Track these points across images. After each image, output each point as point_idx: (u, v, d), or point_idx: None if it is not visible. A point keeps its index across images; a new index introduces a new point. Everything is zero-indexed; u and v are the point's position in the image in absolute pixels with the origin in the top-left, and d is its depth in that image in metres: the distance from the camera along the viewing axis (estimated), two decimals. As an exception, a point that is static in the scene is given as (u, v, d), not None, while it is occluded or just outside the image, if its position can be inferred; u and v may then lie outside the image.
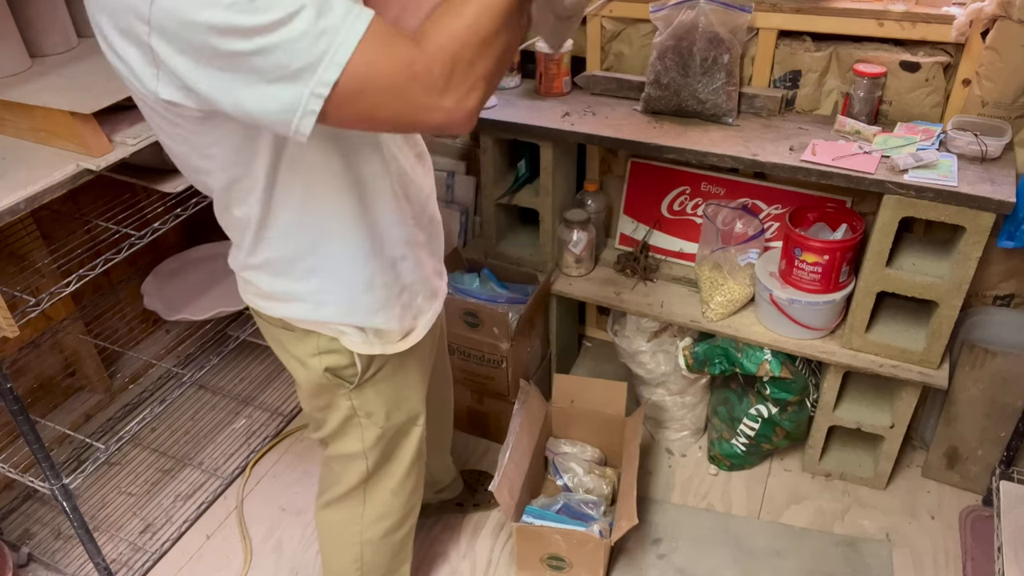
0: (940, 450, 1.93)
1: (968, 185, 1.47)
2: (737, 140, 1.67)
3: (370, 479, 1.32)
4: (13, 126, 1.47)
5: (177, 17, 0.73)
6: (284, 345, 1.18)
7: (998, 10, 1.47)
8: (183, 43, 0.75)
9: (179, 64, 0.77)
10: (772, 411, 1.86)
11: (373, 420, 1.24)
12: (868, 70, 1.62)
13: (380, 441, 1.27)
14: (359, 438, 1.26)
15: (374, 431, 1.25)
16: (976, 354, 1.75)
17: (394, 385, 1.23)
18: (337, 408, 1.22)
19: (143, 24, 0.75)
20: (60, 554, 1.86)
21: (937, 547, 1.82)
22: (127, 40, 0.79)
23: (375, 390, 1.21)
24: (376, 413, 1.23)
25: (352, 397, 1.20)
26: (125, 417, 2.23)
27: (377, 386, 1.21)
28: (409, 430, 1.31)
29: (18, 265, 1.95)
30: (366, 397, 1.21)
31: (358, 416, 1.23)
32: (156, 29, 0.75)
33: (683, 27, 1.68)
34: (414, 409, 1.29)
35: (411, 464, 1.35)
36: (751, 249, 1.84)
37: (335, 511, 1.39)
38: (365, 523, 1.38)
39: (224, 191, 0.98)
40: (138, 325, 2.34)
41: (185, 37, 0.74)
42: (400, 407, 1.26)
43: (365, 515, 1.38)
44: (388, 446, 1.29)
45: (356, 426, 1.24)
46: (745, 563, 1.79)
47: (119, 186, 1.67)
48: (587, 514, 1.73)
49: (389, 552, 1.45)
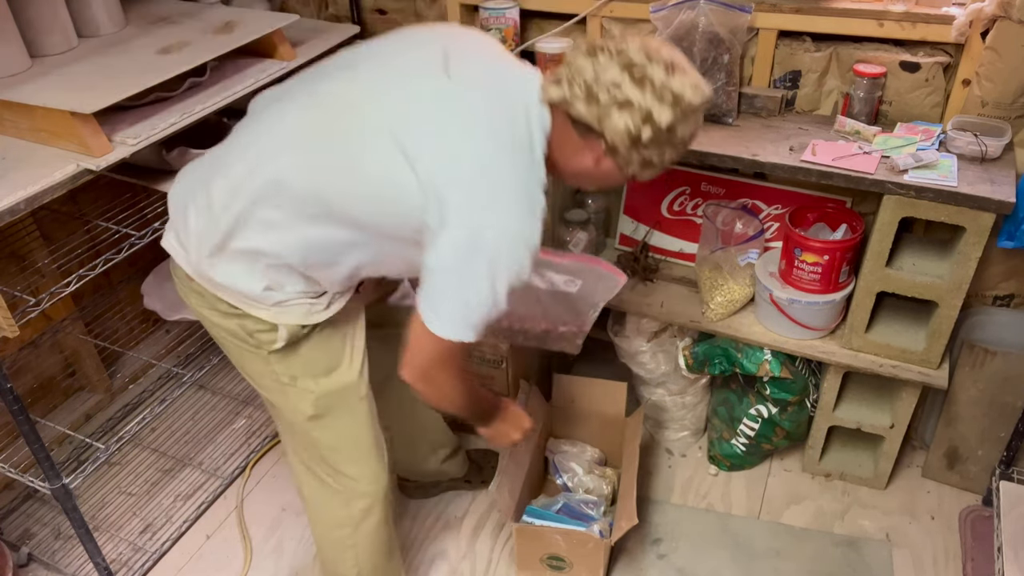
0: (940, 450, 1.93)
1: (968, 185, 1.47)
2: (737, 140, 1.67)
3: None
4: (13, 126, 1.47)
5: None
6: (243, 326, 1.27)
7: (998, 10, 1.47)
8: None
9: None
10: (772, 411, 1.86)
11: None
12: (868, 70, 1.62)
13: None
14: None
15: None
16: (976, 354, 1.75)
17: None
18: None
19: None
20: (60, 554, 1.86)
21: (937, 547, 1.82)
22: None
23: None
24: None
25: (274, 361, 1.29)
26: (125, 417, 2.23)
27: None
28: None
29: (18, 265, 1.95)
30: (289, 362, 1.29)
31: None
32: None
33: (683, 27, 1.68)
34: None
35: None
36: (751, 249, 1.84)
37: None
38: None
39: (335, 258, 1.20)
40: (138, 325, 2.34)
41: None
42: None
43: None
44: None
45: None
46: (745, 563, 1.79)
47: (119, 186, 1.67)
48: (587, 514, 1.73)
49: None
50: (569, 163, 1.16)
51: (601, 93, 1.05)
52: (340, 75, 1.18)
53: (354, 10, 2.07)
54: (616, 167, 1.13)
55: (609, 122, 1.06)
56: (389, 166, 1.07)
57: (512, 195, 1.08)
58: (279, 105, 1.20)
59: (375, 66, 1.16)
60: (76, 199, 2.05)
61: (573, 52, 1.11)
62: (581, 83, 1.07)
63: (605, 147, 1.10)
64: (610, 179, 1.19)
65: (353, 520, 1.47)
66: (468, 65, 1.13)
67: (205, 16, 1.80)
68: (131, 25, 1.78)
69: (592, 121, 1.07)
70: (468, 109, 1.09)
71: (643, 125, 1.06)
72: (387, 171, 1.08)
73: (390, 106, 1.11)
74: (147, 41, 1.67)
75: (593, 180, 1.20)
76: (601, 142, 1.10)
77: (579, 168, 1.16)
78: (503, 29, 1.87)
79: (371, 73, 1.15)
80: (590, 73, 1.06)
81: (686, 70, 1.08)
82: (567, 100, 1.08)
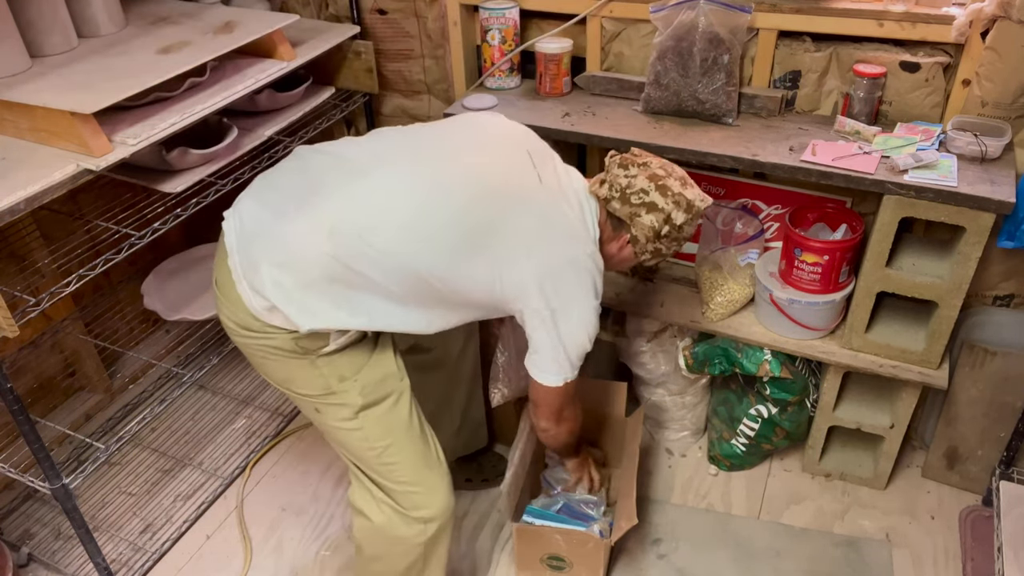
0: (940, 450, 1.93)
1: (968, 185, 1.47)
2: (737, 140, 1.67)
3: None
4: (13, 126, 1.47)
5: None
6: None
7: (998, 10, 1.47)
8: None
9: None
10: (772, 411, 1.86)
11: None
12: (868, 70, 1.62)
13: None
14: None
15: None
16: (976, 354, 1.75)
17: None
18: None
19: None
20: (60, 554, 1.86)
21: (937, 547, 1.82)
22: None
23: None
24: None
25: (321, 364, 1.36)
26: (125, 417, 2.23)
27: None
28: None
29: (18, 265, 1.95)
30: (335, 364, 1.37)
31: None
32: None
33: (683, 27, 1.68)
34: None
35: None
36: (751, 249, 1.84)
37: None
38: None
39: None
40: (138, 325, 2.34)
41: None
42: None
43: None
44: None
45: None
46: (745, 563, 1.79)
47: (119, 186, 1.67)
48: (587, 514, 1.73)
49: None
50: (602, 248, 1.41)
51: (633, 196, 1.35)
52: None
53: (354, 10, 2.07)
54: (633, 254, 1.42)
55: (638, 219, 1.36)
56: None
57: (593, 278, 1.36)
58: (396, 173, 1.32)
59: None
60: (76, 199, 2.05)
61: (611, 162, 1.41)
62: (618, 187, 1.36)
63: (630, 237, 1.38)
64: (624, 263, 1.46)
65: (418, 544, 1.44)
66: (547, 167, 1.38)
67: (205, 16, 1.80)
68: (131, 25, 1.78)
69: (625, 217, 1.36)
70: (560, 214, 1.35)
71: (664, 224, 1.36)
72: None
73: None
74: (147, 41, 1.67)
75: (611, 264, 1.44)
76: (627, 234, 1.38)
77: (605, 252, 1.41)
78: (503, 29, 1.87)
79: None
80: (624, 180, 1.36)
81: (692, 184, 1.40)
82: (607, 198, 1.37)
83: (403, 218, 1.25)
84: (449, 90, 2.13)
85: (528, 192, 1.32)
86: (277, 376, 1.38)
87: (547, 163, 1.38)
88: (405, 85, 2.20)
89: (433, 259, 1.26)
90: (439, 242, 1.26)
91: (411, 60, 2.14)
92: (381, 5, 2.08)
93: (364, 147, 1.34)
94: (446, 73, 2.11)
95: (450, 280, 1.28)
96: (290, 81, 1.88)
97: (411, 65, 2.15)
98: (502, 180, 1.31)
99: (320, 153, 1.35)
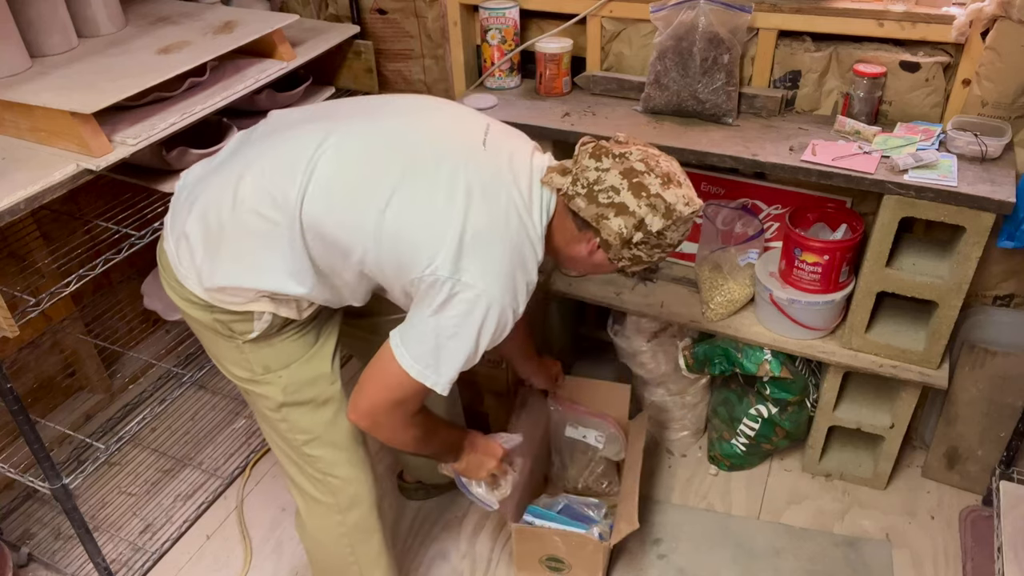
0: (940, 450, 1.92)
1: (968, 185, 1.47)
2: (737, 140, 1.67)
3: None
4: (13, 126, 1.47)
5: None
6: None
7: (998, 10, 1.47)
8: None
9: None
10: (772, 411, 1.86)
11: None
12: (868, 70, 1.62)
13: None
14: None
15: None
16: (976, 354, 1.75)
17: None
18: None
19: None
20: (60, 554, 1.86)
21: (937, 547, 1.82)
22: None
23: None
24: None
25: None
26: (125, 417, 2.23)
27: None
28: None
29: (18, 265, 1.95)
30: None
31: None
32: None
33: (683, 27, 1.68)
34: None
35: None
36: (751, 249, 1.84)
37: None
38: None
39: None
40: (138, 325, 2.34)
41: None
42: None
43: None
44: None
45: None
46: (745, 563, 1.79)
47: (119, 186, 1.67)
48: (588, 516, 1.73)
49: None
50: (565, 248, 1.25)
51: (601, 195, 1.15)
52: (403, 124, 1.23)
53: (354, 10, 2.07)
54: (607, 260, 1.22)
55: (605, 222, 1.16)
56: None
57: (513, 273, 1.16)
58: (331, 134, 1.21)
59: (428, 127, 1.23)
60: (76, 199, 2.05)
61: (581, 150, 1.20)
62: (584, 182, 1.16)
63: (599, 241, 1.19)
64: (600, 269, 1.27)
65: (345, 527, 1.45)
66: (500, 139, 1.22)
67: (205, 16, 1.80)
68: (131, 25, 1.78)
69: (590, 218, 1.17)
70: (495, 181, 1.17)
71: (635, 230, 1.15)
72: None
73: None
74: (147, 41, 1.67)
75: (584, 267, 1.28)
76: (596, 237, 1.19)
77: (573, 254, 1.25)
78: (503, 29, 1.87)
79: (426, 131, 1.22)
80: (593, 175, 1.16)
81: (681, 183, 1.18)
82: (569, 194, 1.18)
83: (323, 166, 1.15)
84: (449, 90, 2.13)
85: (468, 149, 1.18)
86: (210, 351, 1.37)
87: (504, 140, 1.23)
88: (405, 85, 2.20)
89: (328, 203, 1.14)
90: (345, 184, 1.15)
91: (411, 60, 2.14)
92: (381, 5, 2.08)
93: (314, 108, 1.31)
94: (446, 73, 2.11)
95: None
96: (290, 81, 1.88)
97: (411, 65, 2.15)
98: (438, 134, 1.19)
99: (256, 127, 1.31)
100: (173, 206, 1.28)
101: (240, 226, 1.17)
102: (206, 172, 1.27)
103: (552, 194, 1.21)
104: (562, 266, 1.31)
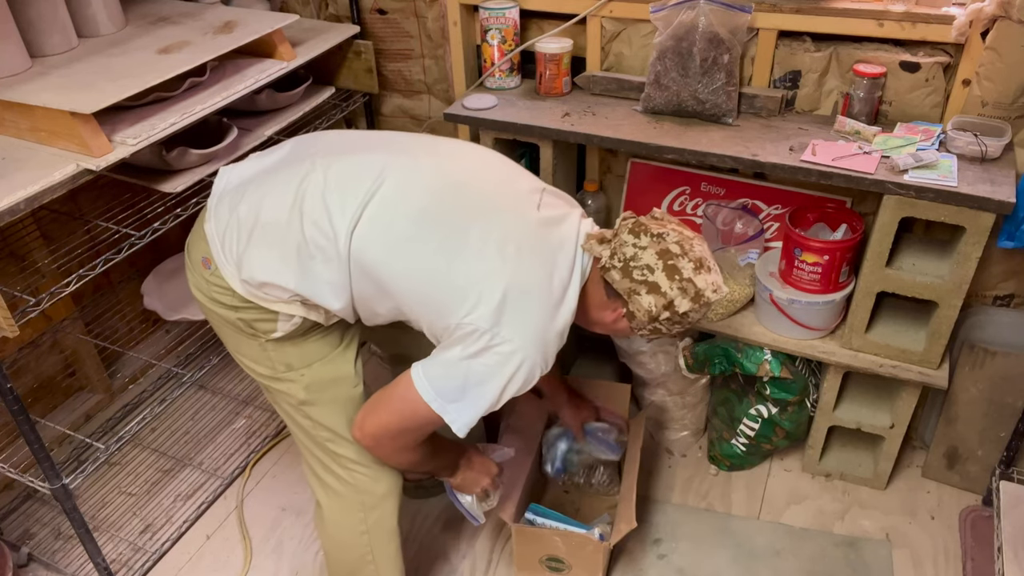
0: (940, 450, 1.93)
1: (968, 185, 1.47)
2: (737, 140, 1.67)
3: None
4: (13, 126, 1.47)
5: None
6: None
7: (998, 10, 1.47)
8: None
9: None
10: (772, 411, 1.86)
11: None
12: (868, 70, 1.62)
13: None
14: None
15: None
16: (976, 354, 1.75)
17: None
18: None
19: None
20: (60, 554, 1.86)
21: (937, 547, 1.82)
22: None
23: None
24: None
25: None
26: (125, 417, 2.23)
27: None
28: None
29: (18, 265, 1.95)
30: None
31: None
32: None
33: (683, 27, 1.68)
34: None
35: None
36: (751, 249, 1.84)
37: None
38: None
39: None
40: (138, 325, 2.34)
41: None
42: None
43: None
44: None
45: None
46: (745, 563, 1.79)
47: (119, 186, 1.67)
48: (608, 442, 1.74)
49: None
50: (591, 311, 1.30)
51: (636, 271, 1.21)
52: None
53: (354, 10, 2.07)
54: (629, 328, 1.28)
55: (636, 297, 1.21)
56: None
57: (548, 332, 1.21)
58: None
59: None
60: (76, 199, 2.05)
61: (622, 224, 1.26)
62: (621, 256, 1.22)
63: (626, 312, 1.24)
64: (619, 334, 1.37)
65: (367, 524, 1.45)
66: (553, 202, 1.28)
67: (205, 16, 1.80)
68: (131, 25, 1.78)
69: (622, 291, 1.22)
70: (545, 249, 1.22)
71: (664, 310, 1.21)
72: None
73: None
74: (147, 41, 1.67)
75: (604, 329, 1.33)
76: (624, 307, 1.24)
77: (597, 318, 1.31)
78: (503, 29, 1.87)
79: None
80: (630, 250, 1.22)
81: (711, 268, 1.24)
82: (606, 265, 1.23)
83: (384, 191, 1.20)
84: (449, 90, 2.13)
85: (522, 207, 1.24)
86: (230, 347, 1.38)
87: (557, 204, 1.29)
88: (405, 85, 2.20)
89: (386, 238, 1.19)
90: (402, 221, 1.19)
91: (411, 60, 2.14)
92: (381, 5, 2.08)
93: (374, 136, 1.34)
94: (446, 73, 2.11)
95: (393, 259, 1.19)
96: (290, 81, 1.88)
97: (411, 65, 2.15)
98: (494, 188, 1.26)
99: (316, 137, 1.35)
100: (223, 191, 1.29)
101: (295, 231, 1.20)
102: (265, 167, 1.29)
103: (589, 260, 1.27)
104: (581, 324, 1.34)
